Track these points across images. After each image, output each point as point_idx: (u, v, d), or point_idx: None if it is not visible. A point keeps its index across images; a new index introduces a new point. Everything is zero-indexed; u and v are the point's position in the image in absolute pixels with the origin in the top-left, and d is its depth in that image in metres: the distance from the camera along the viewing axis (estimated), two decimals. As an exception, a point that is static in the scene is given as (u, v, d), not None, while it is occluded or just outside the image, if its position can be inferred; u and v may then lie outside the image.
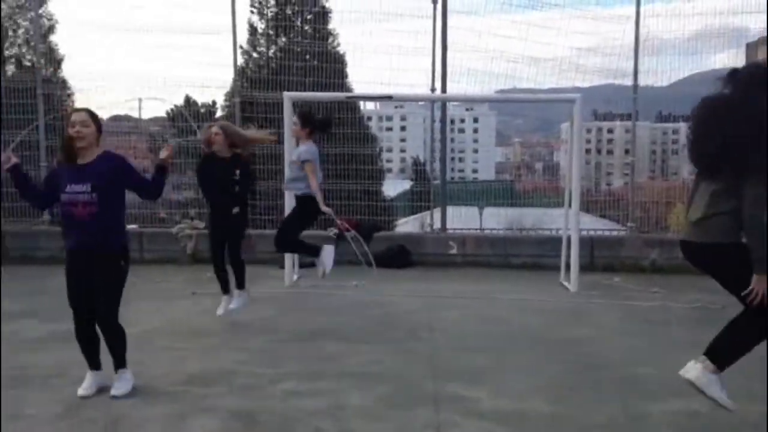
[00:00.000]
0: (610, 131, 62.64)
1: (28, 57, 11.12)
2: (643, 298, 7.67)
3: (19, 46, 11.24)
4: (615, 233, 10.27)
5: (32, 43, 10.89)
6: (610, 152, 63.11)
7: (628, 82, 9.93)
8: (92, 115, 4.32)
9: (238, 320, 6.41)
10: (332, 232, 9.29)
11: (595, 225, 10.66)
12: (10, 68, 11.09)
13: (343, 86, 10.78)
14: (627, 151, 12.25)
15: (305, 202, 6.47)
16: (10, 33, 11.13)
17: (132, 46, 10.59)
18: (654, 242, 9.58)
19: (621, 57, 10.02)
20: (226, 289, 6.46)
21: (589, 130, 51.45)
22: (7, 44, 11.04)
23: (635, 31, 9.72)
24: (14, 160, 4.31)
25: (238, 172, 6.19)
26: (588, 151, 50.81)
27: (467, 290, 8.10)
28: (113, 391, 4.36)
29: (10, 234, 9.66)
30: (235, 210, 6.21)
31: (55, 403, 4.30)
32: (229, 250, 6.30)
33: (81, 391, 4.36)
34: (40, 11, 10.43)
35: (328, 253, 6.49)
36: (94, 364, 4.48)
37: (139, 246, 9.61)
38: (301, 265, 8.65)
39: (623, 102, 10.52)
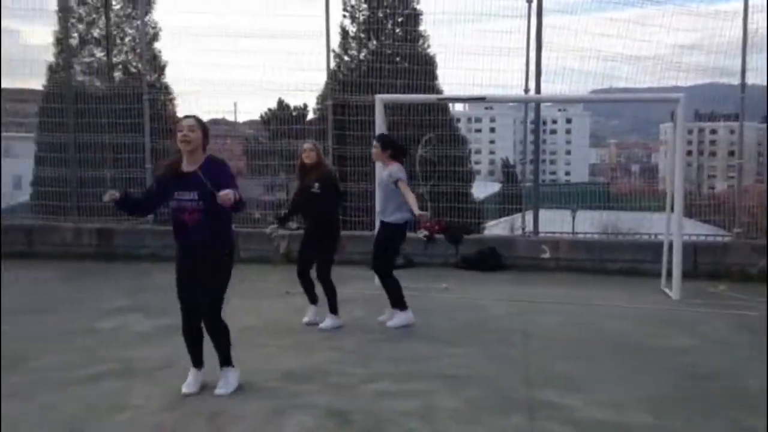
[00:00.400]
0: (713, 132, 59.75)
1: (134, 64, 11.69)
2: (751, 308, 7.25)
3: (126, 53, 11.83)
4: (720, 239, 9.77)
5: (138, 51, 11.44)
6: (712, 154, 60.14)
7: (733, 80, 9.43)
8: (199, 122, 4.47)
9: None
10: (422, 234, 9.27)
11: (698, 230, 10.16)
12: (118, 75, 11.68)
13: (434, 88, 10.76)
14: (731, 153, 11.64)
15: (397, 231, 6.45)
16: (117, 41, 11.74)
17: (229, 52, 10.91)
18: (762, 249, 9.05)
19: (726, 54, 9.53)
20: (312, 299, 6.51)
21: (690, 131, 49.20)
22: (115, 51, 11.64)
23: (743, 26, 9.23)
24: (116, 195, 4.47)
25: (317, 185, 6.22)
26: (689, 152, 48.61)
27: (561, 295, 7.90)
28: (217, 390, 4.46)
29: (115, 232, 10.17)
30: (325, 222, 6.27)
31: (159, 395, 4.48)
32: (318, 271, 6.35)
33: (184, 389, 4.49)
34: (145, 19, 10.95)
35: (407, 317, 6.43)
36: (198, 361, 4.61)
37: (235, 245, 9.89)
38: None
39: (728, 101, 10.00)
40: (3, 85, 12.35)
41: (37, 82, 11.33)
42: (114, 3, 11.81)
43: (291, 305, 7.14)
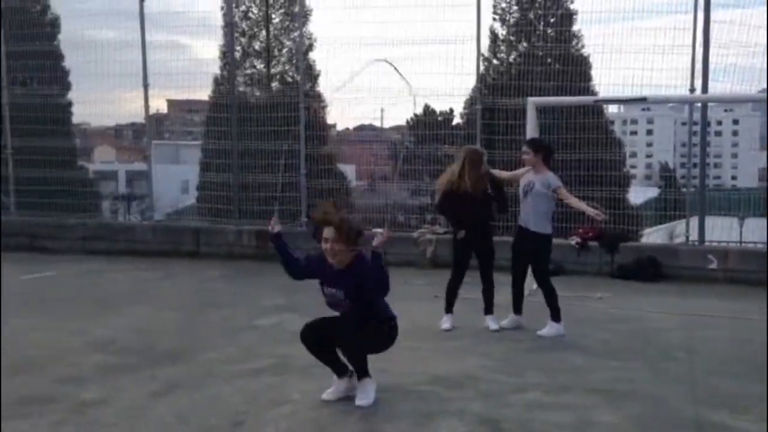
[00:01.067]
0: None
1: (290, 74, 12.26)
2: None
3: (283, 64, 12.44)
4: None
5: (294, 61, 11.97)
6: None
7: None
8: (339, 229, 4.35)
9: (478, 326, 6.40)
10: (574, 241, 8.94)
11: None
12: (275, 84, 12.30)
13: (588, 89, 10.35)
14: None
15: (546, 241, 6.30)
16: (276, 52, 12.37)
17: (378, 60, 11.15)
18: None
19: None
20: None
21: None
22: (273, 62, 12.29)
23: None
24: (278, 228, 4.70)
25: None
26: None
27: (729, 309, 7.30)
28: (358, 401, 4.37)
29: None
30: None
31: (316, 391, 4.61)
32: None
33: (324, 396, 4.47)
34: (302, 31, 11.43)
35: (558, 328, 6.23)
36: (340, 371, 4.54)
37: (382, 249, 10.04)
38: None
39: None
40: (175, 97, 13.41)
41: (204, 93, 12.18)
42: (274, 17, 12.44)
43: (440, 309, 7.10)
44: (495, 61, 11.84)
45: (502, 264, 6.63)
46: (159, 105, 18.98)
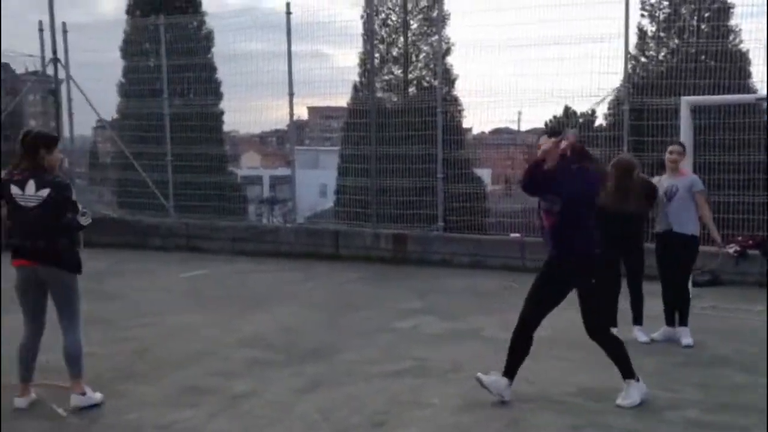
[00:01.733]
0: None
1: (427, 79, 12.31)
2: None
3: (420, 69, 12.52)
4: None
5: (431, 66, 12.02)
6: None
7: None
8: None
9: (626, 337, 6.08)
10: (732, 249, 8.31)
11: None
12: (411, 89, 12.41)
13: (746, 87, 9.60)
14: None
15: (694, 243, 5.93)
16: (413, 58, 12.48)
17: (517, 62, 10.95)
18: None
19: None
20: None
21: None
22: (410, 68, 12.40)
23: None
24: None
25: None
26: None
27: None
28: (618, 401, 4.33)
29: (409, 238, 10.77)
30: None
31: (455, 396, 4.60)
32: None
33: (485, 380, 4.40)
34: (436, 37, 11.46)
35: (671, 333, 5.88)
36: (508, 371, 4.45)
37: (521, 254, 9.85)
38: (695, 284, 7.91)
39: None
40: (315, 104, 13.87)
41: (342, 100, 12.51)
42: (412, 23, 12.57)
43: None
44: (643, 59, 11.26)
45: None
46: (300, 112, 19.71)
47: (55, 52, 12.50)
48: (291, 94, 11.29)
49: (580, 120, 11.89)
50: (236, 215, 12.62)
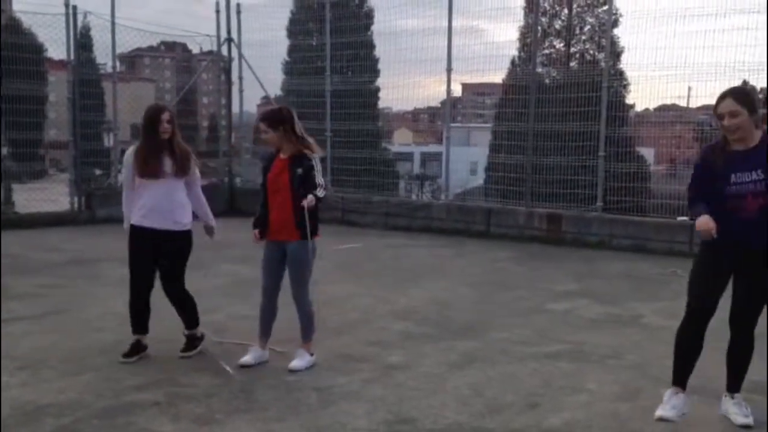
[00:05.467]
0: None
1: (591, 52, 11.80)
2: None
3: (584, 42, 12.02)
4: None
5: (596, 38, 11.51)
6: None
7: None
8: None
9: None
10: None
11: None
12: (573, 64, 11.96)
13: None
14: None
15: None
16: (577, 31, 12.00)
17: (689, 33, 10.18)
18: None
19: None
20: None
21: None
22: (573, 41, 11.94)
23: None
24: None
25: None
26: None
27: None
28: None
29: (564, 217, 10.43)
30: None
31: (612, 383, 4.43)
32: None
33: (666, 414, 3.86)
34: (606, 7, 10.90)
35: None
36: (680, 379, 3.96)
37: (688, 239, 9.23)
38: None
39: None
40: (469, 81, 13.72)
41: (496, 76, 12.29)
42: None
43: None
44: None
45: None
46: (454, 89, 19.67)
47: (229, 32, 13.31)
48: (449, 70, 11.27)
49: (760, 95, 10.90)
50: (388, 191, 12.88)
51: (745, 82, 11.18)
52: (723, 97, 3.60)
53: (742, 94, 3.60)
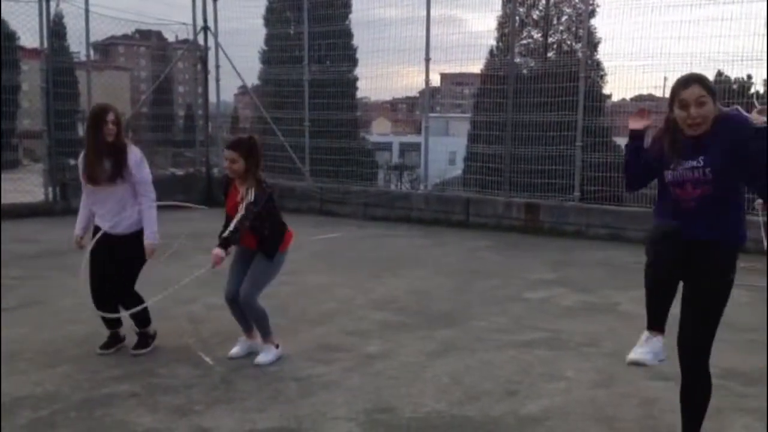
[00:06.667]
0: None
1: (568, 42, 11.85)
2: None
3: (561, 32, 12.07)
4: None
5: (573, 29, 11.55)
6: None
7: None
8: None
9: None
10: None
11: None
12: (550, 54, 12.00)
13: None
14: None
15: None
16: (554, 21, 12.03)
17: (665, 23, 10.27)
18: None
19: None
20: None
21: None
22: (551, 31, 11.98)
23: None
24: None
25: None
26: None
27: None
28: None
29: (542, 207, 10.52)
30: None
31: (590, 370, 4.48)
32: None
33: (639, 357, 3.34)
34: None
35: None
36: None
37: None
38: None
39: None
40: (447, 71, 13.73)
41: (474, 66, 12.30)
42: (554, -17, 12.13)
43: (745, 298, 6.37)
44: (811, 18, 10.22)
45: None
46: (432, 79, 19.69)
47: (205, 20, 13.16)
48: (427, 60, 11.26)
49: (734, 86, 11.05)
50: (366, 180, 12.87)
51: (719, 73, 11.33)
52: (686, 83, 3.07)
53: (706, 80, 3.11)
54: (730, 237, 3.14)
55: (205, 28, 13.25)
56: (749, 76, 10.94)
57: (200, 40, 13.43)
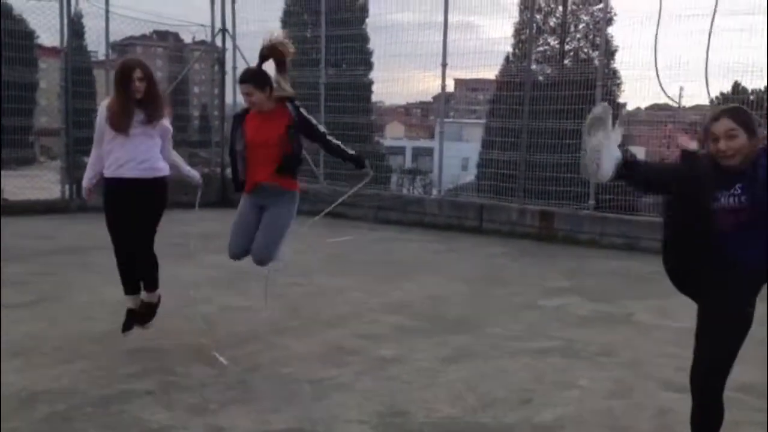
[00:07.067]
0: None
1: (585, 50, 11.84)
2: None
3: (578, 40, 12.05)
4: None
5: (590, 36, 11.54)
6: None
7: None
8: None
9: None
10: None
11: None
12: (567, 61, 11.98)
13: None
14: None
15: None
16: (571, 28, 12.02)
17: (684, 33, 10.24)
18: None
19: None
20: None
21: None
22: (567, 39, 11.97)
23: None
24: None
25: None
26: None
27: None
28: None
29: (557, 215, 10.48)
30: None
31: (605, 380, 4.46)
32: None
33: None
34: (600, 5, 10.92)
35: None
36: None
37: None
38: None
39: None
40: (462, 76, 13.71)
41: (489, 72, 12.29)
42: (573, -9, 12.12)
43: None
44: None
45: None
46: (448, 84, 19.73)
47: (223, 22, 13.24)
48: (444, 65, 11.26)
49: (752, 97, 11.00)
50: (380, 184, 12.87)
51: (737, 83, 11.27)
52: (717, 116, 3.06)
53: (740, 112, 3.08)
54: (763, 260, 3.08)
55: (223, 30, 13.33)
56: (768, 88, 10.86)
57: (218, 41, 13.52)
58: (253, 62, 4.69)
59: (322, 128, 4.64)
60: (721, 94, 11.80)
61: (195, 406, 3.85)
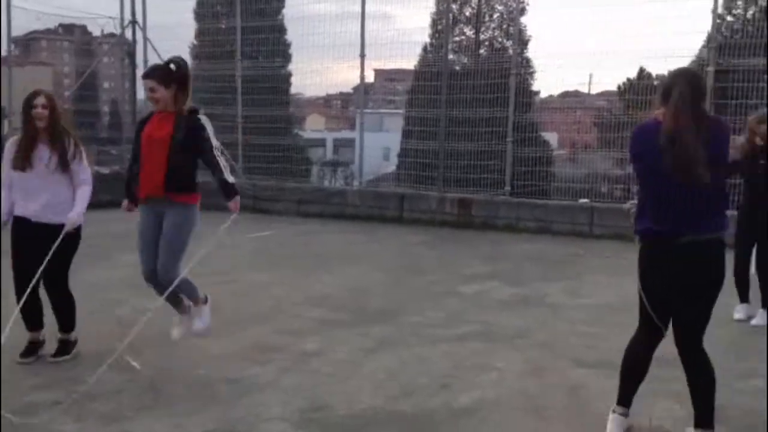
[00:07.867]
0: None
1: (500, 40, 12.06)
2: None
3: (493, 30, 12.26)
4: None
5: (504, 26, 11.76)
6: None
7: None
8: None
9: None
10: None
11: None
12: (482, 51, 12.18)
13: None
14: None
15: None
16: (486, 18, 12.21)
17: (591, 22, 10.60)
18: None
19: None
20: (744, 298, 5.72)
21: None
22: (483, 28, 12.16)
23: None
24: None
25: None
26: None
27: None
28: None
29: (474, 202, 10.68)
30: None
31: (520, 361, 4.59)
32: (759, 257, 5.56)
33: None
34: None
35: None
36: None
37: (589, 220, 9.67)
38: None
39: None
40: (381, 67, 13.75)
41: (408, 62, 12.37)
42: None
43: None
44: (729, 18, 10.70)
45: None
46: (367, 75, 19.72)
47: (133, 14, 12.79)
48: (362, 56, 11.24)
49: (656, 82, 11.48)
50: (300, 177, 12.78)
51: (642, 69, 11.75)
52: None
53: None
54: None
55: (133, 22, 12.88)
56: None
57: (128, 34, 13.05)
58: (165, 55, 4.48)
59: (213, 142, 4.32)
60: (628, 79, 12.30)
61: (107, 414, 3.72)
